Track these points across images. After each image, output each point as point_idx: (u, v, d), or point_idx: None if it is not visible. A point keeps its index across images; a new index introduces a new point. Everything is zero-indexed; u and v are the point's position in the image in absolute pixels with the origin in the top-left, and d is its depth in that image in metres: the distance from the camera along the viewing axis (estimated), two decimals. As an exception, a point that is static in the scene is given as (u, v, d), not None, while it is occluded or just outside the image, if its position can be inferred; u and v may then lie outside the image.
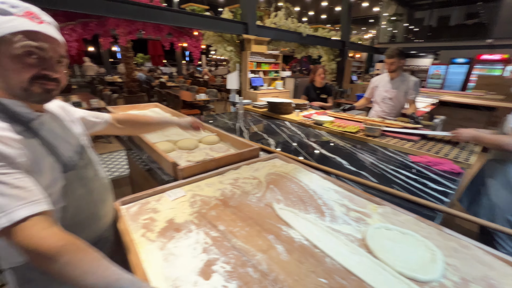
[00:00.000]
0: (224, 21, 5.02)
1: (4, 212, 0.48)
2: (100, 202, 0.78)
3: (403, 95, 2.38)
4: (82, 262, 0.50)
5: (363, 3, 12.52)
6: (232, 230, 0.78)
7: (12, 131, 0.57)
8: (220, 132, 1.65)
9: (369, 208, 0.93)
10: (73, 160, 0.71)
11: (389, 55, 2.33)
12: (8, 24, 0.56)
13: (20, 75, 0.58)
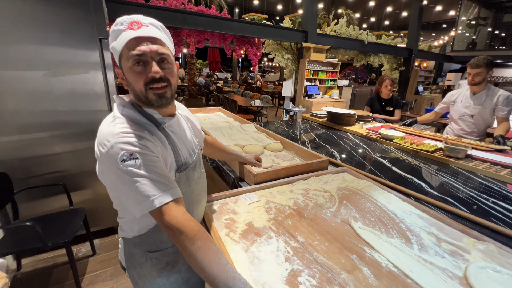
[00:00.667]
0: (285, 29, 5.11)
1: (156, 196, 0.58)
2: (196, 202, 0.82)
3: (489, 112, 2.05)
4: (211, 250, 0.57)
5: (437, 6, 11.30)
6: (311, 243, 0.77)
7: (151, 131, 0.67)
8: (284, 140, 1.66)
9: (466, 242, 0.81)
10: (187, 161, 0.77)
11: (475, 65, 2.02)
12: (120, 40, 0.62)
13: (137, 85, 0.64)
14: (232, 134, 1.82)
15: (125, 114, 0.66)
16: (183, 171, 0.74)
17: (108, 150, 0.58)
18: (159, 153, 0.65)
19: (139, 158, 0.58)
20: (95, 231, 2.09)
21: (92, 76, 1.80)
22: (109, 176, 0.63)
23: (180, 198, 0.63)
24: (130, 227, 0.76)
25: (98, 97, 1.83)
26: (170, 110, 0.75)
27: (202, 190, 0.86)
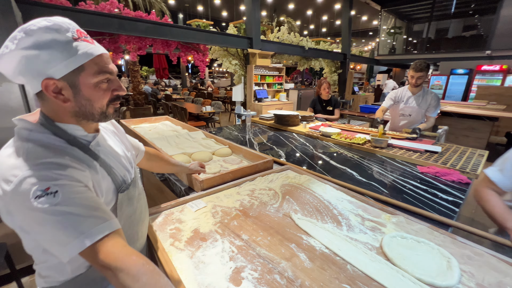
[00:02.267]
0: (230, 36, 5.20)
1: (85, 233, 0.50)
2: (141, 222, 0.76)
3: (424, 111, 2.33)
4: (159, 285, 0.50)
5: (362, 16, 12.90)
6: (255, 239, 0.82)
7: (73, 155, 0.57)
8: (232, 144, 1.71)
9: (383, 217, 0.97)
10: (126, 179, 0.70)
11: (418, 69, 2.19)
12: (82, 51, 0.55)
13: (100, 102, 0.60)
14: (180, 143, 1.78)
15: (33, 139, 0.55)
16: (124, 190, 0.68)
17: (16, 187, 0.49)
18: (87, 180, 0.57)
19: (58, 191, 0.50)
20: (22, 268, 1.80)
21: (5, 90, 1.56)
22: (19, 218, 0.52)
23: (117, 230, 0.56)
24: (57, 271, 0.62)
25: (15, 113, 1.60)
26: (96, 125, 0.69)
27: (144, 207, 0.81)
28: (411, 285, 0.65)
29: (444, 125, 4.41)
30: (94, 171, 0.61)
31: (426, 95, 2.32)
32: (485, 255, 0.77)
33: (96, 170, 0.61)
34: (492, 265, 0.73)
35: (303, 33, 15.92)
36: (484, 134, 4.52)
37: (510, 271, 0.70)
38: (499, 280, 0.68)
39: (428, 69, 2.22)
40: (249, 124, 2.84)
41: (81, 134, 0.63)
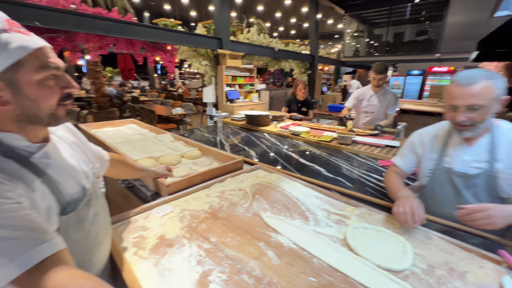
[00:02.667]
0: (198, 36, 5.10)
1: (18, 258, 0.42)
2: (96, 246, 0.66)
3: (384, 110, 2.51)
4: None
5: (328, 20, 13.50)
6: (224, 241, 0.81)
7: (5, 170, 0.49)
8: (202, 146, 1.67)
9: (348, 210, 1.02)
10: (76, 198, 0.61)
11: (379, 71, 2.36)
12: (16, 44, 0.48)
13: (48, 102, 0.53)
14: (146, 147, 1.70)
15: None
16: (71, 212, 0.59)
17: None
18: (20, 196, 0.48)
19: None
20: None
21: None
22: None
23: (61, 251, 0.48)
24: None
25: None
26: (44, 133, 0.60)
27: (104, 229, 0.70)
28: (371, 271, 0.69)
29: (403, 121, 4.78)
30: (30, 189, 0.51)
31: (386, 94, 2.51)
32: (434, 238, 0.84)
33: (32, 188, 0.51)
34: (440, 246, 0.80)
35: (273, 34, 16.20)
36: (436, 129, 4.96)
37: (455, 251, 0.78)
38: (446, 260, 0.75)
39: (386, 71, 2.41)
40: (220, 126, 2.81)
41: (21, 144, 0.54)
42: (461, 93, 0.89)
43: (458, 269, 0.71)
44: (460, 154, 1.01)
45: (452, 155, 1.03)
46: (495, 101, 0.89)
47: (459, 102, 0.90)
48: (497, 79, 0.88)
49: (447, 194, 1.05)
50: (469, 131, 0.94)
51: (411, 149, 1.16)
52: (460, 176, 1.01)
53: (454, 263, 0.73)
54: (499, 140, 0.96)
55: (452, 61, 9.27)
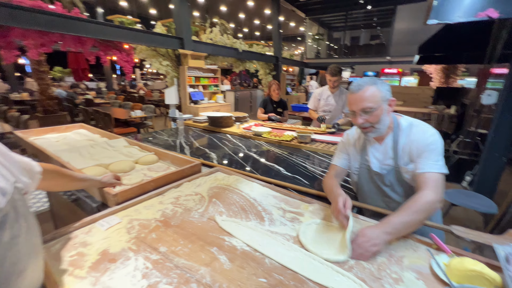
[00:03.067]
0: (157, 35, 4.88)
1: None
2: (15, 275, 0.56)
3: (340, 108, 2.67)
4: None
5: (290, 22, 13.93)
6: (174, 250, 0.77)
7: None
8: (158, 151, 1.59)
9: (302, 207, 1.05)
10: None
11: (333, 74, 2.50)
12: None
13: None
14: (95, 153, 1.56)
15: None
16: None
17: None
18: None
19: None
20: None
21: None
22: None
23: None
24: None
25: None
26: None
27: (28, 253, 0.59)
28: (319, 266, 0.72)
29: (360, 119, 5.12)
30: None
31: (342, 94, 2.67)
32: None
33: None
34: (382, 235, 0.87)
35: (237, 35, 16.22)
36: (388, 126, 5.42)
37: (394, 238, 0.85)
38: (387, 247, 0.81)
39: (341, 73, 2.57)
40: (181, 128, 2.71)
41: None
42: (354, 99, 0.99)
43: (396, 255, 0.77)
44: (374, 153, 1.09)
45: (369, 155, 1.11)
46: (383, 102, 0.98)
47: (354, 107, 1.00)
48: (380, 83, 0.99)
49: (372, 190, 1.13)
50: (371, 132, 1.02)
51: (343, 149, 1.21)
52: (376, 174, 1.09)
53: (393, 250, 0.80)
54: (399, 138, 1.04)
55: (400, 64, 10.25)
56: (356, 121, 1.02)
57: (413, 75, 10.70)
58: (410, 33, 9.36)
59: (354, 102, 1.00)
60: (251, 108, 8.51)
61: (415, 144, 0.98)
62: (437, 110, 5.52)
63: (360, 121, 1.00)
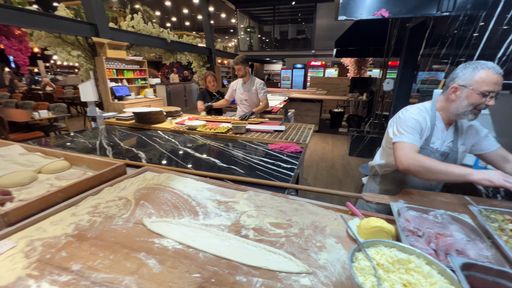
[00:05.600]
0: (61, 19, 4.07)
1: None
2: None
3: (255, 96, 2.82)
4: None
5: (221, 14, 13.71)
6: (91, 265, 0.67)
7: None
8: (70, 155, 1.35)
9: (237, 196, 1.06)
10: None
11: (235, 63, 2.66)
12: None
13: None
14: (-25, 167, 1.22)
15: None
16: None
17: None
18: None
19: None
20: None
21: None
22: None
23: None
24: None
25: None
26: None
27: None
28: (252, 249, 0.74)
29: (292, 108, 5.51)
30: None
31: (253, 81, 2.83)
32: (306, 204, 0.99)
33: None
34: (309, 210, 0.95)
35: (165, 25, 15.05)
36: (316, 113, 6.03)
37: (319, 211, 0.94)
38: (313, 220, 0.89)
39: (245, 62, 2.67)
40: (102, 128, 2.38)
41: None
42: (499, 80, 0.97)
43: (320, 226, 0.86)
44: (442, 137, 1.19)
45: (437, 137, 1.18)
46: None
47: (497, 87, 0.98)
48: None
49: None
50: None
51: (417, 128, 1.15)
52: (442, 154, 1.19)
53: (318, 221, 0.88)
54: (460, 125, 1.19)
55: (323, 57, 11.39)
56: (490, 102, 1.00)
57: (334, 67, 12.07)
58: (329, 29, 10.45)
59: (499, 83, 0.98)
60: (187, 103, 8.13)
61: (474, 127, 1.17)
62: (353, 98, 6.40)
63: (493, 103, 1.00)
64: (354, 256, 0.60)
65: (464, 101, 1.05)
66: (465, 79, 1.04)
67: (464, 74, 1.04)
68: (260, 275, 0.65)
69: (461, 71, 1.06)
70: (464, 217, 0.78)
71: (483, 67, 1.00)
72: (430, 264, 0.57)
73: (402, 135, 1.13)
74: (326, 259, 0.71)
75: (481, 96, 1.00)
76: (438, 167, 1.00)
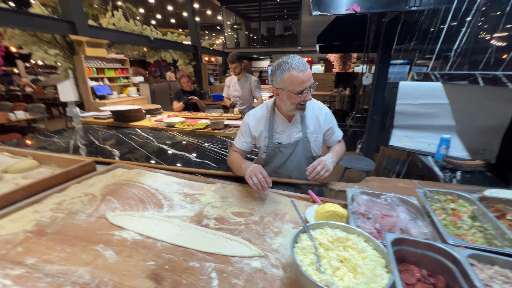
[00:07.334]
0: (36, 17, 3.94)
1: None
2: None
3: (248, 93, 2.84)
4: None
5: (207, 11, 13.55)
6: (47, 259, 0.68)
7: None
8: (38, 154, 1.33)
9: (205, 189, 1.08)
10: None
11: (231, 61, 2.66)
12: None
13: None
14: None
15: None
16: None
17: None
18: None
19: None
20: None
21: None
22: None
23: None
24: None
25: None
26: None
27: None
28: (210, 237, 0.76)
29: (278, 104, 5.54)
30: None
31: (247, 79, 2.84)
32: (270, 194, 1.02)
33: None
34: (273, 199, 0.98)
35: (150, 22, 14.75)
36: (302, 109, 6.07)
37: (281, 199, 0.98)
38: (274, 208, 0.92)
39: (240, 60, 2.70)
40: (79, 127, 2.34)
41: None
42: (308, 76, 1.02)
43: (280, 213, 0.89)
44: (286, 130, 1.21)
45: (279, 131, 1.21)
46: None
47: (308, 83, 1.03)
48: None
49: (280, 161, 1.25)
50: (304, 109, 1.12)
51: (247, 132, 1.22)
52: (287, 146, 1.21)
53: (279, 209, 0.92)
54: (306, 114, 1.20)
55: (310, 53, 11.47)
56: (307, 97, 1.05)
57: (320, 63, 12.18)
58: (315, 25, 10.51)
59: (308, 79, 1.02)
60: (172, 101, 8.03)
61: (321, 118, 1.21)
62: (337, 93, 6.50)
63: (310, 97, 1.06)
64: (299, 237, 0.63)
65: (287, 101, 1.08)
66: (279, 83, 1.05)
67: (276, 77, 1.06)
68: (213, 260, 0.68)
69: (273, 74, 1.07)
70: (412, 199, 0.83)
71: (288, 68, 1.01)
72: (368, 241, 0.61)
73: (236, 138, 1.25)
74: (280, 243, 0.74)
75: (299, 96, 1.03)
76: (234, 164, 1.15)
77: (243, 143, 1.23)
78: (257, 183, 0.94)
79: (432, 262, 0.57)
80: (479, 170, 1.29)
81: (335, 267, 0.55)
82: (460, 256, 0.53)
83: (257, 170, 0.97)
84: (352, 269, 0.55)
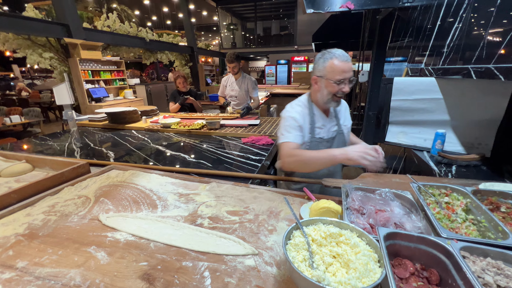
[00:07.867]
0: (30, 20, 3.91)
1: None
2: None
3: (245, 93, 2.84)
4: None
5: (203, 11, 13.55)
6: (38, 261, 0.67)
7: None
8: (32, 157, 1.32)
9: (200, 188, 1.07)
10: None
11: (229, 61, 2.66)
12: None
13: None
14: None
15: None
16: None
17: None
18: None
19: None
20: None
21: None
22: None
23: None
24: None
25: None
26: None
27: None
28: (204, 236, 0.75)
29: (275, 104, 5.55)
30: None
31: (244, 79, 2.84)
32: (265, 192, 1.02)
33: None
34: (268, 197, 0.98)
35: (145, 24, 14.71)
36: (299, 107, 6.06)
37: (276, 197, 0.97)
38: (269, 206, 0.92)
39: (238, 59, 2.70)
40: (74, 130, 2.32)
41: None
42: (348, 67, 1.02)
43: (275, 211, 0.89)
44: (326, 124, 1.22)
45: (320, 126, 1.20)
46: None
47: (347, 74, 1.03)
48: None
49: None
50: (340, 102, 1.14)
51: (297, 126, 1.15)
52: (328, 141, 1.23)
53: (274, 207, 0.91)
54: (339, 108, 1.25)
55: (306, 52, 11.48)
56: (345, 89, 1.05)
57: (317, 62, 12.17)
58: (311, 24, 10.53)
59: (348, 70, 1.03)
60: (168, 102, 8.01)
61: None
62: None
63: (348, 89, 1.06)
64: (292, 234, 0.62)
65: (324, 90, 1.10)
66: (320, 70, 1.08)
67: (318, 65, 1.08)
68: (207, 259, 0.67)
69: (316, 62, 1.10)
70: (406, 194, 0.83)
71: (331, 57, 1.04)
72: (361, 237, 0.60)
73: (283, 135, 1.15)
74: (274, 241, 0.74)
75: (336, 85, 1.05)
76: (309, 156, 1.04)
77: (299, 136, 1.15)
78: (375, 161, 0.92)
79: (425, 256, 0.57)
80: (474, 164, 1.29)
81: (328, 263, 0.55)
82: (453, 249, 0.53)
83: (366, 149, 0.95)
84: (344, 265, 0.54)
